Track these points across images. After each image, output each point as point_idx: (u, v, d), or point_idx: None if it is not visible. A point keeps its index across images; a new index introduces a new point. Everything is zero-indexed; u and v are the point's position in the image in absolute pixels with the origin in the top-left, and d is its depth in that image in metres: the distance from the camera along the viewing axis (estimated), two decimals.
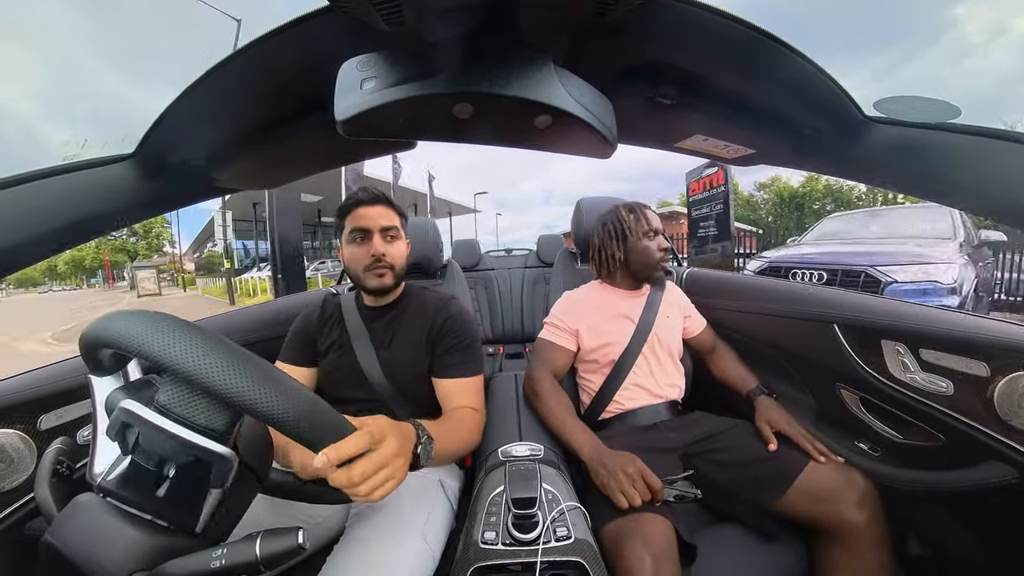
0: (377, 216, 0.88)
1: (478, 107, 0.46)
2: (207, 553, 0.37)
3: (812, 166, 0.73)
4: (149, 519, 0.40)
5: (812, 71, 0.50)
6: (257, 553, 0.37)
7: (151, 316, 0.39)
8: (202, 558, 0.37)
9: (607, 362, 1.04)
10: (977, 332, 0.68)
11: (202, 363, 0.36)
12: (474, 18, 0.41)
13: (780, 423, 0.85)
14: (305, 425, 0.40)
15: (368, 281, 0.89)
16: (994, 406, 0.64)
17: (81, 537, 0.37)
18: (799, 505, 0.74)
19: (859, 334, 0.83)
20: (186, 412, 0.39)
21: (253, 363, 0.39)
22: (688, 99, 0.58)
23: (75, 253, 48.94)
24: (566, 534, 0.61)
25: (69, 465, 0.47)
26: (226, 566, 0.36)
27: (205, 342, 0.37)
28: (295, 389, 0.41)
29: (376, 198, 0.90)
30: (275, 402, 0.37)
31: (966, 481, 0.67)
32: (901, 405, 0.77)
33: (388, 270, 0.88)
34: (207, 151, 0.61)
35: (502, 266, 2.24)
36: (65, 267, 53.62)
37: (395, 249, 0.90)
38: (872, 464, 0.82)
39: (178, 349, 0.36)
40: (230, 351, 0.38)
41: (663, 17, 0.44)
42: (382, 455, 0.46)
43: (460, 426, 0.80)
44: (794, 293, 1.03)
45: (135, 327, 0.37)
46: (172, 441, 0.38)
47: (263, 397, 0.37)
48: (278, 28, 0.44)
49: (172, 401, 0.39)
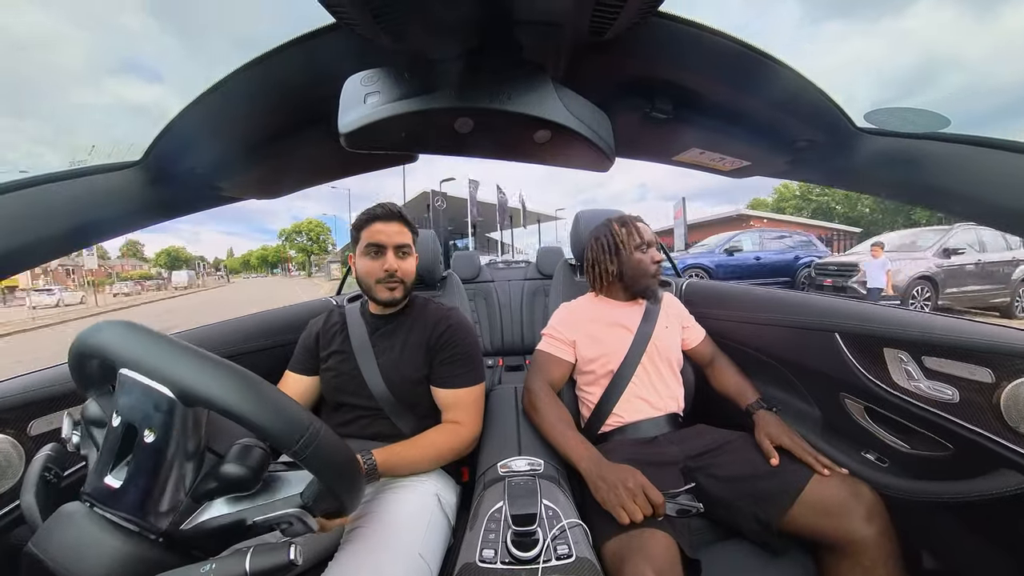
0: (392, 233, 0.91)
1: (479, 122, 0.47)
2: (196, 567, 0.37)
3: (806, 176, 0.75)
4: (137, 531, 0.39)
5: (804, 85, 0.51)
6: (247, 568, 0.36)
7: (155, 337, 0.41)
8: (190, 572, 0.36)
9: (605, 373, 1.03)
10: (979, 337, 0.67)
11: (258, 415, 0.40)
12: (475, 36, 0.42)
13: (780, 437, 0.83)
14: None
15: (379, 294, 0.91)
16: (1001, 412, 0.63)
17: (65, 548, 0.37)
18: (805, 520, 0.72)
19: (860, 342, 0.83)
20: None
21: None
22: (684, 114, 0.60)
23: (263, 252, 79.57)
24: (567, 552, 0.59)
25: (57, 472, 0.46)
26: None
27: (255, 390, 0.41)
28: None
29: (392, 215, 0.92)
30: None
31: (977, 491, 0.66)
32: (906, 414, 0.76)
33: (399, 284, 0.91)
34: (212, 160, 0.63)
35: (502, 278, 2.25)
36: (256, 261, 78.10)
37: (407, 265, 0.93)
38: (880, 475, 0.80)
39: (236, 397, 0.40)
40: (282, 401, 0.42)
41: (658, 35, 0.46)
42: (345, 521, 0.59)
43: (430, 448, 0.84)
44: (793, 302, 1.03)
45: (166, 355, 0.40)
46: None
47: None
48: (285, 44, 0.45)
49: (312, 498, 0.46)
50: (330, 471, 0.44)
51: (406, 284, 0.93)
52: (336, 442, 0.46)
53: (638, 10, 0.38)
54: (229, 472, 0.45)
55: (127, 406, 0.41)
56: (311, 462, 0.42)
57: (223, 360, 0.43)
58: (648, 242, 1.07)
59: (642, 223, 1.11)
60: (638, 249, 1.06)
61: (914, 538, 0.74)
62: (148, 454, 0.41)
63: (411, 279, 0.94)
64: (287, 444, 0.40)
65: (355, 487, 0.50)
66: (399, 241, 0.91)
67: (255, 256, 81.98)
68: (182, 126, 0.53)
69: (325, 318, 1.03)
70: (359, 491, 0.52)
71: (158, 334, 0.43)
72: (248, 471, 0.46)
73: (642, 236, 1.07)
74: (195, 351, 0.42)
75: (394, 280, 0.90)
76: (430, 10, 0.37)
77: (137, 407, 0.41)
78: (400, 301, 0.94)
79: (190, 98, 0.50)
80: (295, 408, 0.44)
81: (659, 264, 1.07)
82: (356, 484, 0.50)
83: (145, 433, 0.40)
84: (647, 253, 1.06)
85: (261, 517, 0.46)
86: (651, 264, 1.06)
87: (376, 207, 0.93)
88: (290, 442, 0.40)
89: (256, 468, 0.47)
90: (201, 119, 0.53)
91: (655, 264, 1.06)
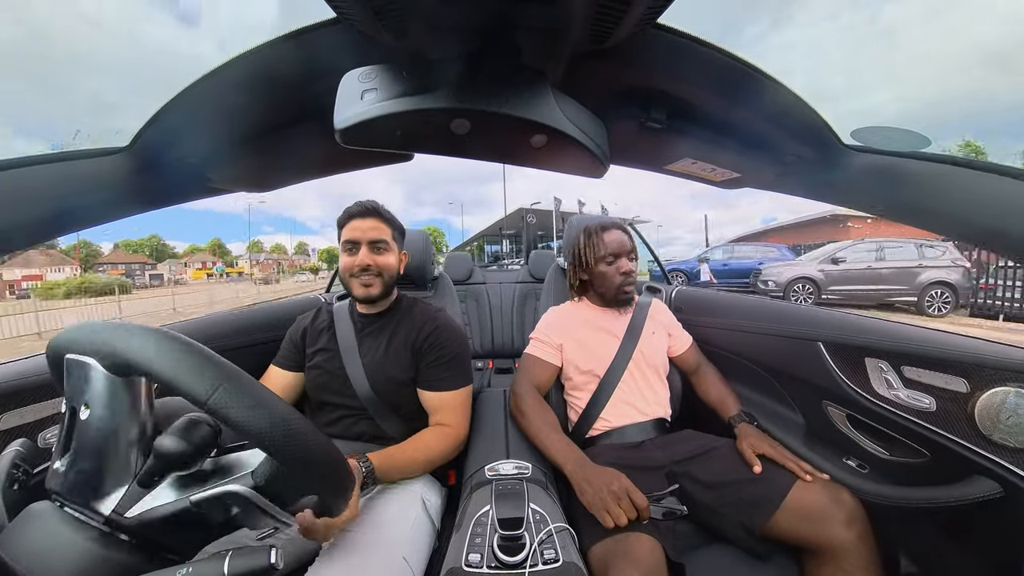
0: (367, 228, 0.90)
1: (476, 124, 0.47)
2: (172, 571, 0.35)
3: (794, 190, 0.76)
4: (108, 531, 0.37)
5: (794, 102, 0.53)
6: (225, 572, 0.35)
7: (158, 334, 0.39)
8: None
9: (593, 378, 1.04)
10: (955, 349, 0.70)
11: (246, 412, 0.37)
12: (476, 38, 0.42)
13: (761, 446, 0.85)
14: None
15: (355, 290, 0.91)
16: (975, 421, 0.66)
17: (31, 549, 0.35)
18: (788, 525, 0.73)
19: (843, 352, 0.85)
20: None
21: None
22: (678, 124, 0.61)
23: (331, 248, 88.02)
24: (554, 557, 0.59)
25: (27, 470, 0.44)
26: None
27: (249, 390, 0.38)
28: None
29: (367, 211, 0.92)
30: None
31: (953, 497, 0.68)
32: (886, 422, 0.78)
33: (375, 279, 0.90)
34: (203, 150, 0.61)
35: (493, 280, 2.24)
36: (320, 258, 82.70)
37: (384, 260, 0.91)
38: (860, 482, 0.82)
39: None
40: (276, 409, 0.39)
41: (656, 47, 0.47)
42: (335, 524, 0.56)
43: (422, 451, 0.82)
44: (779, 311, 1.05)
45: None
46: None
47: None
48: (284, 36, 0.45)
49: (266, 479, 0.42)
50: (273, 441, 0.37)
51: (383, 279, 0.90)
52: (279, 406, 0.39)
53: (638, 21, 0.38)
54: (166, 446, 0.40)
55: (68, 389, 0.40)
56: (237, 421, 0.36)
57: (149, 327, 0.41)
58: (614, 253, 1.05)
59: (613, 232, 1.08)
60: (602, 261, 1.06)
61: (893, 542, 0.76)
62: (84, 432, 0.39)
63: (390, 274, 0.92)
64: (197, 394, 0.36)
65: (311, 463, 0.42)
66: (373, 236, 0.90)
67: (320, 253, 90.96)
68: (173, 113, 0.51)
69: (313, 315, 1.01)
70: (329, 478, 0.45)
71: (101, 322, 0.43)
72: (188, 446, 0.41)
73: (607, 248, 1.06)
74: (127, 325, 0.40)
75: (368, 275, 0.89)
76: (433, 10, 0.37)
77: (75, 386, 0.40)
78: (378, 298, 0.92)
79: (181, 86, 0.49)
80: (214, 358, 0.39)
81: (627, 275, 1.05)
82: (314, 460, 0.42)
83: (81, 410, 0.39)
84: (612, 265, 1.06)
85: (201, 494, 0.41)
86: (616, 276, 1.05)
87: (354, 205, 0.93)
88: (201, 392, 0.36)
89: (199, 444, 0.42)
90: (193, 107, 0.51)
91: (621, 275, 1.05)
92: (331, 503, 0.49)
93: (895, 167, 0.57)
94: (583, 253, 1.09)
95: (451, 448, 0.87)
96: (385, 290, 0.92)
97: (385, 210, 0.94)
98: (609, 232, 1.07)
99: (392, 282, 0.94)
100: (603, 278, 1.06)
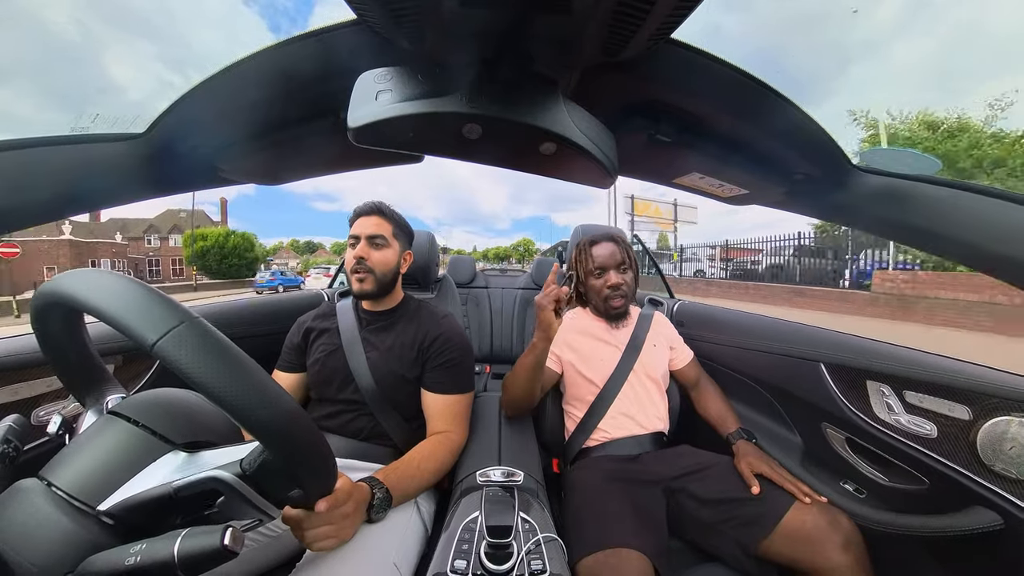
0: (368, 225, 0.92)
1: (487, 129, 0.47)
2: (125, 549, 0.34)
3: (802, 209, 0.76)
4: (94, 513, 0.37)
5: (805, 121, 0.53)
6: (175, 552, 0.32)
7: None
8: (119, 554, 0.33)
9: (592, 388, 1.03)
10: (960, 376, 0.69)
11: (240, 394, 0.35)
12: (491, 45, 0.43)
13: (760, 465, 0.84)
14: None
15: (352, 284, 0.93)
16: (977, 450, 0.65)
17: (16, 528, 0.34)
18: (783, 546, 0.72)
19: (845, 374, 0.84)
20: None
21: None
22: (687, 139, 0.61)
23: (499, 249, 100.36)
24: (541, 567, 0.58)
25: (16, 446, 0.42)
26: (141, 563, 0.32)
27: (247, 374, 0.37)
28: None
29: (372, 209, 0.95)
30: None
31: (952, 527, 0.66)
32: (886, 446, 0.77)
33: (368, 274, 0.91)
34: (217, 141, 0.62)
35: (496, 285, 2.24)
36: (494, 257, 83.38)
37: (379, 255, 0.92)
38: (858, 506, 0.81)
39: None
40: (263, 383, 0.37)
41: (669, 61, 0.47)
42: (331, 517, 0.55)
43: (430, 460, 0.80)
44: (781, 329, 1.04)
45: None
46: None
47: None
48: (303, 34, 0.45)
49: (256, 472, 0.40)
50: (238, 397, 0.34)
51: (375, 275, 0.91)
52: (248, 366, 0.36)
53: (652, 35, 0.39)
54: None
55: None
56: (197, 375, 0.33)
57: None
58: (601, 266, 1.06)
59: (603, 245, 1.08)
60: (591, 274, 1.07)
61: (889, 570, 0.75)
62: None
63: (383, 271, 0.92)
64: (143, 335, 0.33)
65: (299, 447, 0.39)
66: (371, 231, 0.92)
67: (501, 251, 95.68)
68: (191, 103, 0.53)
69: (316, 312, 1.03)
70: (313, 462, 0.42)
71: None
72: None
73: (594, 261, 1.06)
74: (95, 270, 0.40)
75: (362, 268, 0.90)
76: (450, 16, 0.38)
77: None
78: (371, 294, 0.92)
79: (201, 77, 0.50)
80: (169, 301, 0.36)
81: (614, 288, 1.05)
82: (300, 443, 0.39)
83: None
84: (600, 278, 1.06)
85: (184, 479, 0.39)
86: (603, 289, 1.05)
87: (362, 204, 0.96)
88: (147, 332, 0.32)
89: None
90: (211, 98, 0.52)
91: (608, 288, 1.05)
92: (308, 481, 0.44)
93: (904, 190, 0.57)
94: (576, 266, 1.11)
95: (454, 455, 0.86)
96: (379, 287, 0.92)
97: (389, 209, 0.96)
98: (598, 245, 1.08)
99: (388, 280, 0.94)
100: (591, 291, 1.08)
